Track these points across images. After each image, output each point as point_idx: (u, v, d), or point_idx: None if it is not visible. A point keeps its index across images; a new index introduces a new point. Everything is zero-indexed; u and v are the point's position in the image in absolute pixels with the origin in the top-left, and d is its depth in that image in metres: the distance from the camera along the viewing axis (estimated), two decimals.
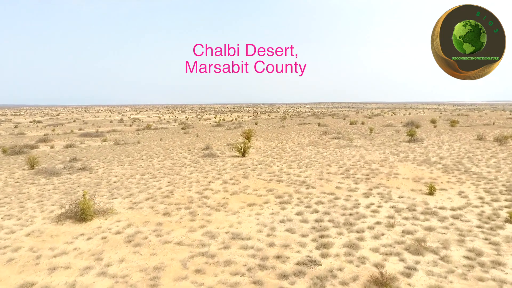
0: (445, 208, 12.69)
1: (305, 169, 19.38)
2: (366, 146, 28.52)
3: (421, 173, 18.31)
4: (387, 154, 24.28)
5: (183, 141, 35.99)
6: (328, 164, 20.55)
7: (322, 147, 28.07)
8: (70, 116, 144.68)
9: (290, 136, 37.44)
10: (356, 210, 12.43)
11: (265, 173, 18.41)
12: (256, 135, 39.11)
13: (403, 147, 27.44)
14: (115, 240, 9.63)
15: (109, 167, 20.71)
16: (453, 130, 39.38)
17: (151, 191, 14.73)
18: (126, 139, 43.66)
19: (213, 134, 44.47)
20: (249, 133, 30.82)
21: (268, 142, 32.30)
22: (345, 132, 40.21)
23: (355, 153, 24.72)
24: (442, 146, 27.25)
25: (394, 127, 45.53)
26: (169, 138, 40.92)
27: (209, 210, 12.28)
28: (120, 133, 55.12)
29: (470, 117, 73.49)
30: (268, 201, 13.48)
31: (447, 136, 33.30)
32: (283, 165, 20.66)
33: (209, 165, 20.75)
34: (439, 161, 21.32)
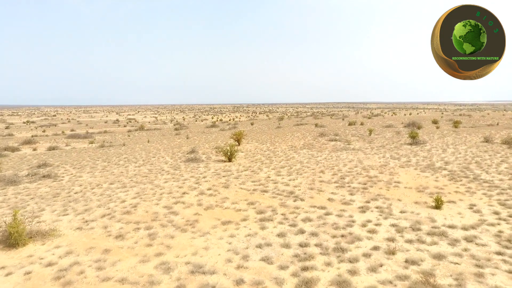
0: (455, 226, 10.68)
1: (295, 176, 17.34)
2: (364, 149, 26.50)
3: (425, 181, 16.29)
4: (387, 158, 22.26)
5: (171, 144, 33.98)
6: (322, 171, 18.51)
7: (317, 151, 26.04)
8: (67, 116, 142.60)
9: (285, 138, 35.40)
10: (349, 230, 10.42)
11: (250, 181, 16.37)
12: (248, 137, 37.08)
13: (404, 150, 25.42)
14: (41, 276, 7.60)
15: (77, 174, 18.66)
16: (457, 131, 37.27)
17: (112, 205, 12.69)
18: (114, 141, 41.67)
19: (205, 135, 42.47)
20: (239, 135, 28.77)
21: (260, 144, 30.27)
22: (343, 133, 38.18)
23: (352, 158, 22.70)
24: (447, 149, 25.22)
25: (395, 128, 43.46)
26: (158, 140, 38.91)
27: (173, 231, 10.25)
28: (111, 134, 53.13)
29: (473, 118, 71.45)
30: (247, 218, 11.46)
31: (451, 138, 31.25)
32: (272, 171, 18.62)
33: (189, 172, 18.72)
34: (444, 166, 19.30)
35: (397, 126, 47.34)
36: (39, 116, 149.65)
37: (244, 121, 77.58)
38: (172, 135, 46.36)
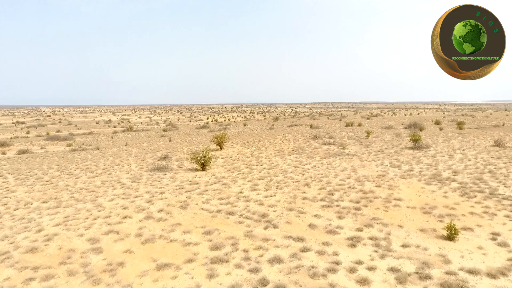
0: (478, 272, 7.71)
1: (274, 191, 14.32)
2: (361, 154, 23.49)
3: (431, 197, 13.30)
4: (385, 166, 19.26)
5: (150, 147, 30.98)
6: (307, 184, 15.49)
7: (307, 156, 23.02)
8: (61, 116, 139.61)
9: (274, 141, 32.33)
10: (331, 279, 7.44)
11: (216, 198, 13.35)
12: (235, 139, 34.06)
13: (405, 156, 22.41)
14: None
15: (12, 188, 15.63)
16: (462, 133, 34.12)
17: (21, 237, 9.66)
18: (94, 143, 38.77)
19: (190, 137, 39.44)
20: (221, 138, 25.72)
21: (244, 148, 27.23)
22: (339, 135, 35.15)
23: (345, 165, 19.69)
24: (454, 155, 22.20)
25: (395, 130, 40.38)
26: (138, 143, 35.90)
27: (79, 284, 7.24)
28: (95, 136, 50.19)
29: (476, 118, 68.41)
30: (194, 258, 8.45)
31: (457, 142, 28.18)
32: (247, 184, 15.60)
33: (148, 185, 15.70)
34: (453, 177, 16.33)
35: (397, 127, 44.28)
36: (34, 116, 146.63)
37: (240, 122, 74.50)
38: (156, 137, 43.39)
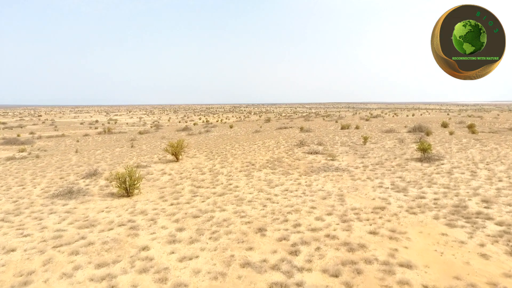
0: None
1: (202, 247, 8.78)
2: (353, 168, 18.00)
3: (461, 258, 7.84)
4: (386, 189, 13.81)
5: (98, 156, 25.57)
6: (262, 229, 9.91)
7: (282, 172, 17.51)
8: (53, 117, 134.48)
9: (251, 148, 26.73)
10: None
11: (93, 265, 7.84)
12: (204, 146, 28.53)
13: (412, 172, 16.92)
14: None
15: None
16: (479, 139, 28.27)
17: None
18: (54, 148, 33.49)
19: (159, 142, 33.97)
20: (177, 147, 20.20)
21: (207, 160, 21.66)
22: (331, 141, 29.56)
23: (330, 188, 14.22)
24: (477, 171, 16.65)
25: (397, 134, 34.66)
26: (97, 148, 30.46)
27: None
28: (62, 139, 44.88)
29: (485, 120, 62.54)
30: None
31: (476, 151, 22.51)
32: (168, 228, 10.08)
33: (14, 228, 10.25)
34: (485, 211, 10.90)
35: (400, 130, 38.57)
36: (23, 116, 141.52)
37: (230, 123, 68.87)
38: (126, 141, 38.01)
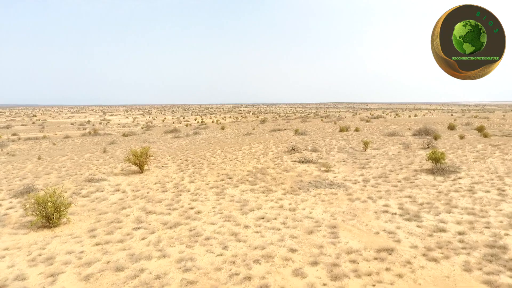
0: None
1: None
2: (351, 184, 14.79)
3: None
4: (392, 216, 10.61)
5: (64, 163, 22.42)
6: None
7: (263, 190, 14.28)
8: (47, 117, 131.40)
9: (234, 155, 23.39)
10: None
11: None
12: (180, 153, 25.27)
13: (424, 188, 13.72)
14: None
15: None
16: (496, 145, 24.84)
17: None
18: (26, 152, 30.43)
19: (138, 146, 30.77)
20: (141, 156, 16.98)
21: (177, 171, 18.25)
22: (327, 146, 26.32)
23: (320, 214, 11.03)
24: (505, 188, 13.40)
25: (401, 138, 31.31)
26: (67, 152, 27.28)
27: None
28: (40, 142, 41.81)
29: (492, 121, 59.23)
30: None
31: (497, 160, 19.10)
32: None
33: None
34: None
35: (404, 133, 35.24)
36: (17, 116, 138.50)
37: (223, 124, 65.61)
38: (104, 144, 34.86)
